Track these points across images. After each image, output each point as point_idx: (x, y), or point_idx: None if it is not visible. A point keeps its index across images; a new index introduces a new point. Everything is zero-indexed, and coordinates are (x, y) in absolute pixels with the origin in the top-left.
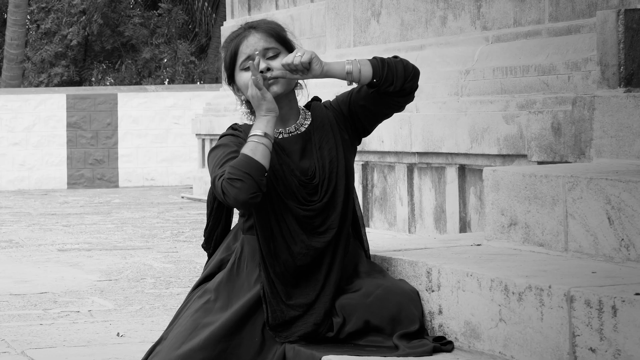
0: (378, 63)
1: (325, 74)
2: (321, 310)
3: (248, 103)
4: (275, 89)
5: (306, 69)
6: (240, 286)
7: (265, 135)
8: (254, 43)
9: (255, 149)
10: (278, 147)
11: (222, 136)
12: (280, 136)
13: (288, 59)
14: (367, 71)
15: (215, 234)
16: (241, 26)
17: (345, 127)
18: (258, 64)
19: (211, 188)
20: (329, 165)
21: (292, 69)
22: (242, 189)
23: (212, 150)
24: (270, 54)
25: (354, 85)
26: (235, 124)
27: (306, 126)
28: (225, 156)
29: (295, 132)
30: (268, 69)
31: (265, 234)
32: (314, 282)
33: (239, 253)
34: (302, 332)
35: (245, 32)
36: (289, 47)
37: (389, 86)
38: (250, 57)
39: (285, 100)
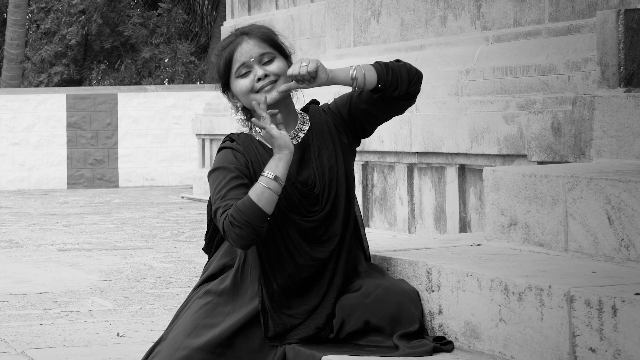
0: (382, 68)
1: (330, 81)
2: (323, 315)
3: (244, 110)
4: (274, 95)
5: (312, 78)
6: (244, 292)
7: (275, 178)
8: (248, 50)
9: (262, 194)
10: None
11: (220, 149)
12: None
13: (294, 69)
14: (372, 77)
15: (215, 239)
16: (232, 33)
17: (345, 130)
18: (264, 102)
19: (211, 196)
20: (328, 172)
21: (298, 79)
22: (241, 236)
23: (212, 171)
24: (266, 59)
25: (357, 89)
26: (233, 133)
27: (305, 131)
28: (227, 183)
29: (294, 140)
30: (266, 76)
31: (268, 247)
32: (317, 288)
33: (242, 260)
34: (304, 335)
35: (238, 38)
36: (282, 52)
37: (394, 91)
38: (245, 64)
39: (282, 104)
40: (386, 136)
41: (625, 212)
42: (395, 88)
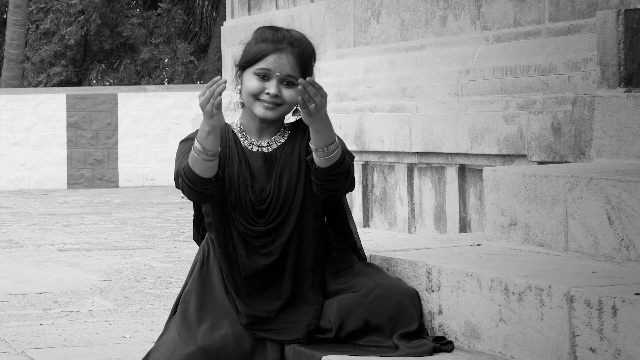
0: (340, 164)
1: (322, 122)
2: (300, 324)
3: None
4: (269, 114)
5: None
6: (211, 287)
7: (204, 151)
8: (281, 65)
9: (195, 162)
10: (243, 158)
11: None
12: (251, 147)
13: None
14: (329, 160)
15: (201, 225)
16: (283, 31)
17: None
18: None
19: None
20: (284, 193)
21: (305, 100)
22: (191, 196)
23: (181, 141)
24: (287, 80)
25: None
26: None
27: (279, 144)
28: (187, 150)
29: (266, 148)
30: (276, 96)
31: (219, 235)
32: (273, 296)
33: (206, 253)
34: (282, 335)
35: (283, 46)
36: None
37: (321, 183)
38: (269, 72)
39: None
40: (386, 136)
41: (625, 212)
42: (326, 183)
